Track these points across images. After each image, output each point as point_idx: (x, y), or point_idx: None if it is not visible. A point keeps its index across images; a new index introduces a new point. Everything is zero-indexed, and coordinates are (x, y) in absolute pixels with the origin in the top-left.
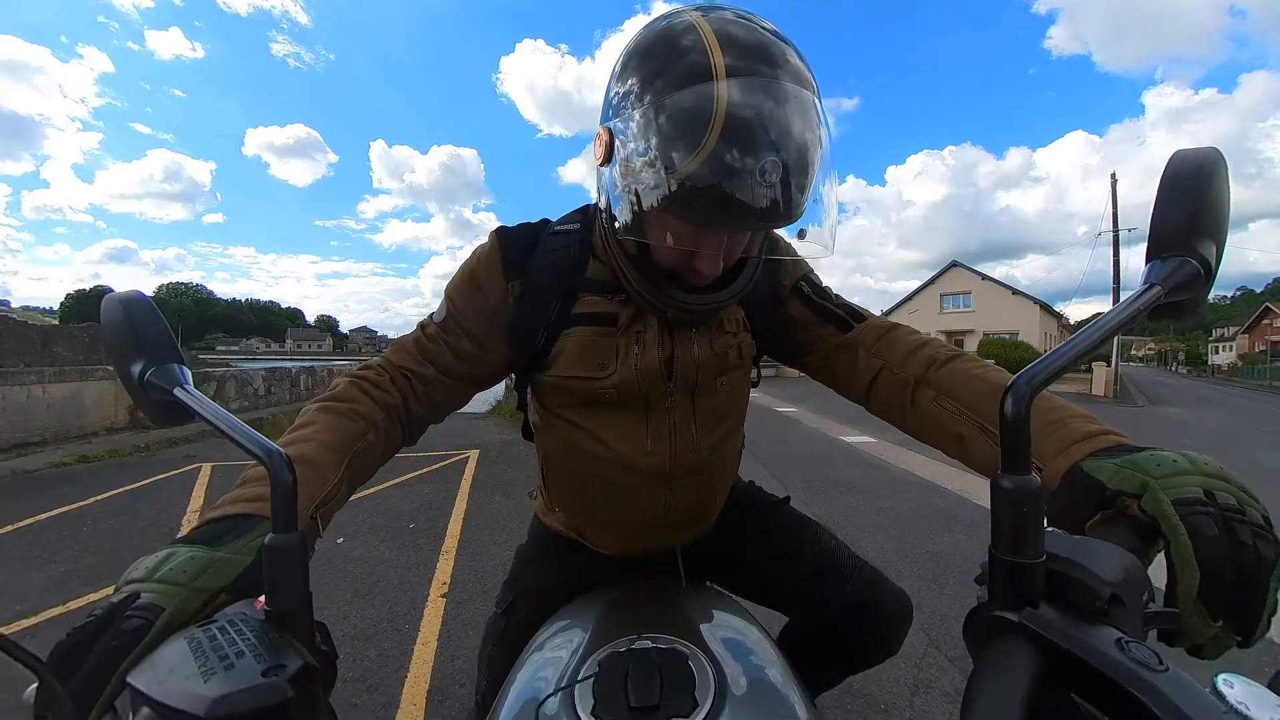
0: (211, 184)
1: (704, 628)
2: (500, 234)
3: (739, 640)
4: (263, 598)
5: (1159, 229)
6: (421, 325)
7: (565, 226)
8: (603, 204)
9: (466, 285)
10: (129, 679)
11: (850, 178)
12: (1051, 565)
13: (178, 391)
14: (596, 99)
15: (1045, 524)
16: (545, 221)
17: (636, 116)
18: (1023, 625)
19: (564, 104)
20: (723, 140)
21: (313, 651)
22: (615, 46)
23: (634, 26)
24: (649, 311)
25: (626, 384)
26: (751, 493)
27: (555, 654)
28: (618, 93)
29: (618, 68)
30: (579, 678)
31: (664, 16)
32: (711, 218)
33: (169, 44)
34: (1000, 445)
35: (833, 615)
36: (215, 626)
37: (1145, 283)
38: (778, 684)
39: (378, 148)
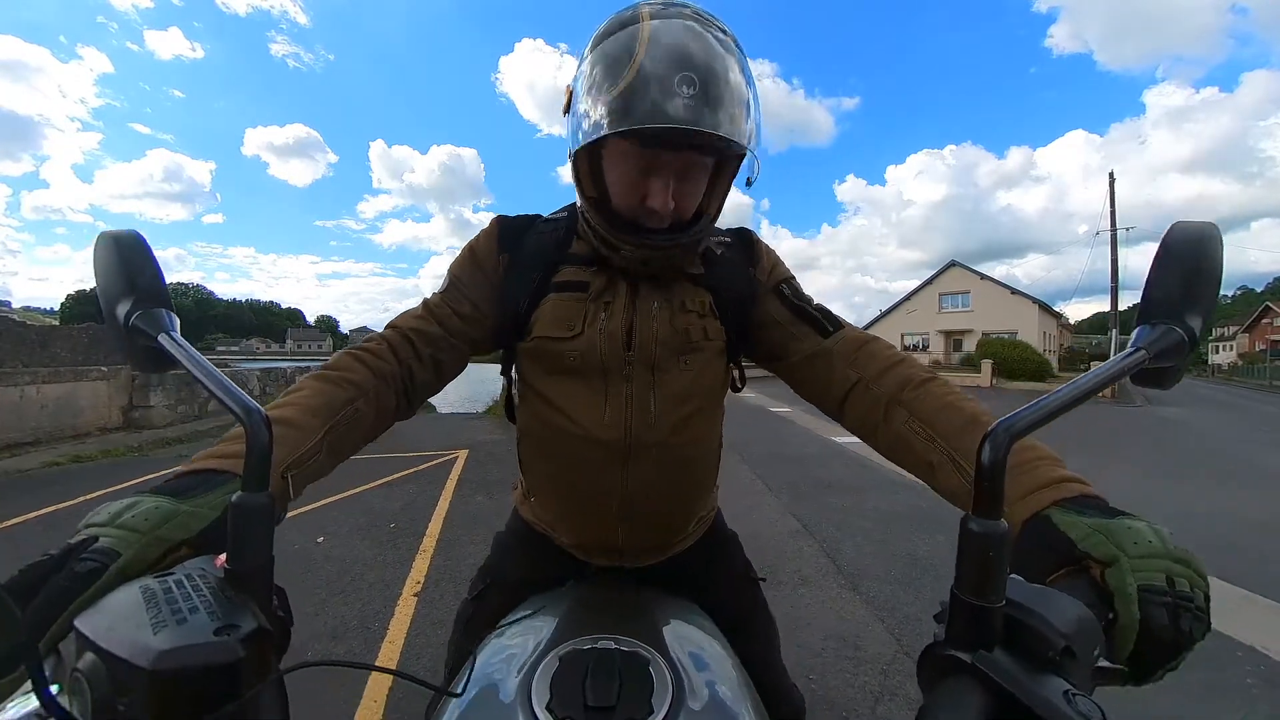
0: (211, 184)
1: (670, 636)
2: (499, 218)
3: (703, 653)
4: (224, 555)
5: (1151, 297)
6: (425, 299)
7: (555, 215)
8: (568, 149)
9: (467, 260)
10: (75, 622)
11: (850, 177)
12: (1010, 611)
13: (162, 338)
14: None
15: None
16: (539, 215)
17: (584, 66)
18: (975, 667)
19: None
20: (644, 64)
21: (269, 615)
22: None
23: None
24: (619, 279)
25: (590, 349)
26: (733, 551)
27: (519, 644)
28: (578, 63)
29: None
30: (538, 671)
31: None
32: (641, 131)
33: (168, 44)
34: (974, 488)
35: None
36: (171, 579)
37: (1134, 346)
38: (733, 701)
39: (377, 148)
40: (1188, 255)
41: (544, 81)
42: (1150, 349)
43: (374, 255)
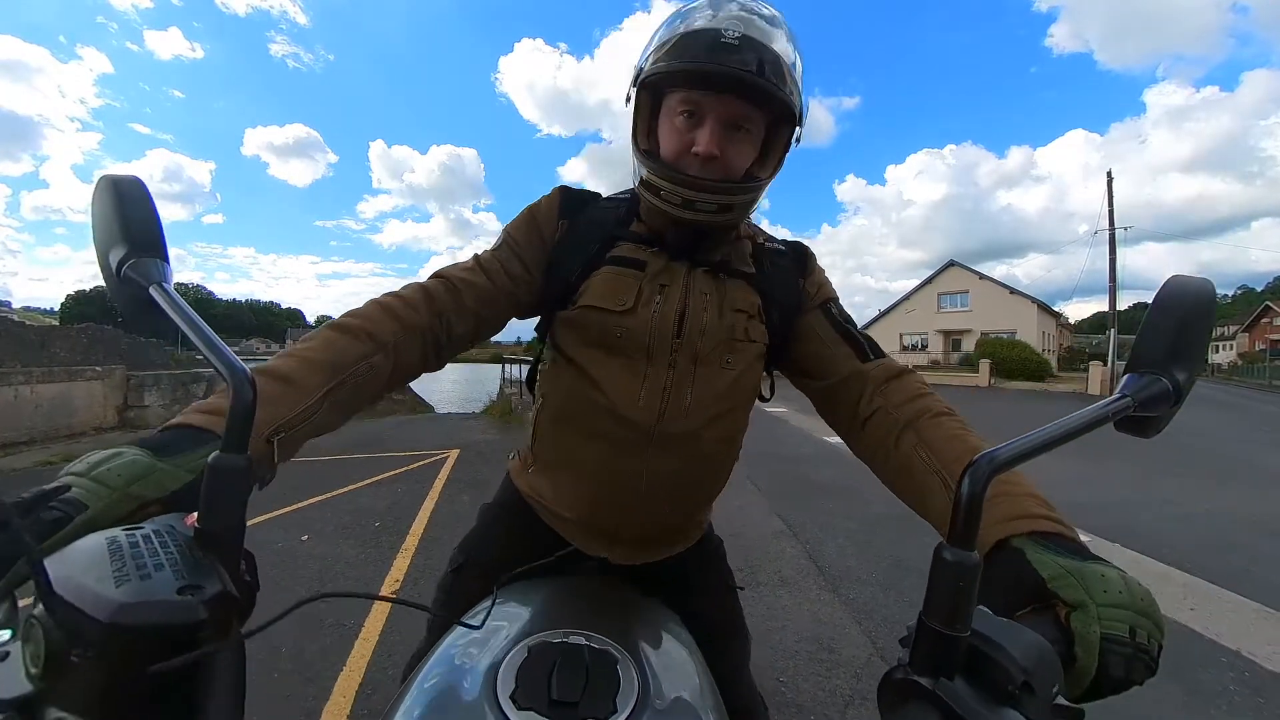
0: (211, 184)
1: (641, 638)
2: (562, 187)
3: (673, 658)
4: (195, 515)
5: (1142, 346)
6: (475, 254)
7: (618, 195)
8: (629, 112)
9: (525, 221)
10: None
11: (850, 177)
12: (974, 642)
13: (154, 290)
14: (596, 97)
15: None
16: (600, 194)
17: (649, 40)
18: (935, 695)
19: (563, 103)
20: (696, 19)
21: (236, 580)
22: (615, 45)
23: (634, 25)
24: (676, 266)
25: (639, 328)
26: (718, 558)
27: (490, 630)
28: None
29: None
30: (506, 659)
31: None
32: (687, 69)
33: (168, 44)
34: (950, 518)
35: None
36: (140, 533)
37: (1120, 393)
38: (698, 710)
39: (377, 148)
40: (1181, 310)
41: (544, 81)
42: (1136, 397)
43: (374, 255)
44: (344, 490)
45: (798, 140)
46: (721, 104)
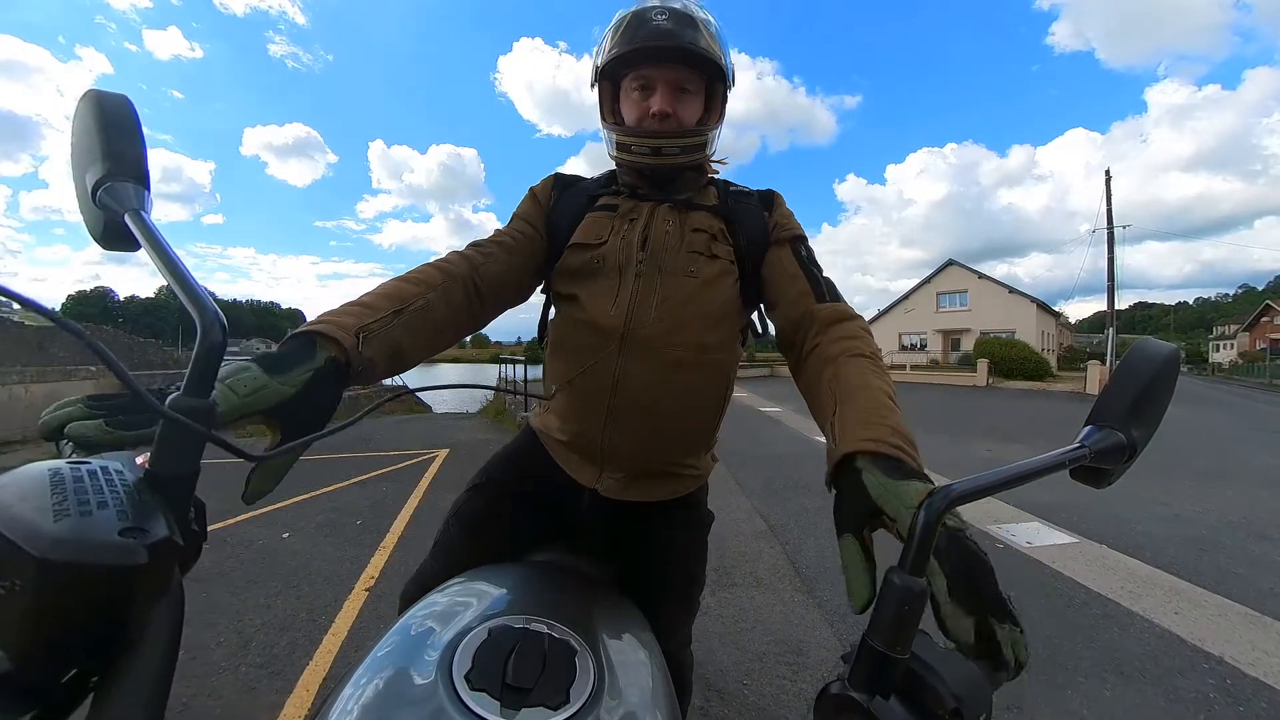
0: (211, 185)
1: (604, 632)
2: (555, 173)
3: (633, 658)
4: (146, 455)
5: (1105, 401)
6: (496, 229)
7: (598, 174)
8: (596, 97)
9: (529, 199)
10: None
11: (851, 176)
12: (913, 665)
13: (129, 217)
14: (595, 97)
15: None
16: (586, 177)
17: (600, 43)
18: (870, 713)
19: (563, 103)
20: (632, 14)
21: (183, 527)
22: None
23: None
24: (644, 205)
25: (610, 253)
26: (700, 527)
27: (454, 608)
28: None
29: None
30: (465, 639)
31: None
32: (630, 50)
33: (167, 45)
34: (904, 545)
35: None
36: (85, 468)
37: (1079, 442)
38: (653, 712)
39: (376, 148)
40: (1147, 371)
41: (543, 81)
42: (1093, 448)
43: (374, 256)
44: (329, 489)
45: (729, 89)
46: (664, 72)
